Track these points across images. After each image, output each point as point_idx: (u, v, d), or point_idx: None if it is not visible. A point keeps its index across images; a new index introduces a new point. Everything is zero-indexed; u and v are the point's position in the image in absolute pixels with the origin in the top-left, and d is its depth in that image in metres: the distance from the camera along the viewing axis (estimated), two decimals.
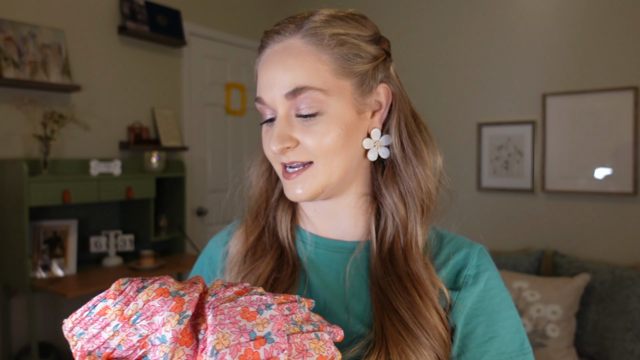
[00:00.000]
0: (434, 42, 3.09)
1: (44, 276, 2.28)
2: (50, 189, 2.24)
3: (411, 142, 0.64)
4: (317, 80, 0.59)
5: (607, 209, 2.54)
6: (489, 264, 0.63)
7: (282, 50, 0.61)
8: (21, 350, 2.38)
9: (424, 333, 0.57)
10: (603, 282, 2.32)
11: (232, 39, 3.48)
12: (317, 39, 0.60)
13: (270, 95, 0.60)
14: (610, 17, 2.52)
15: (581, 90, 2.59)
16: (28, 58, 2.36)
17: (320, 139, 0.59)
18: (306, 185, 0.61)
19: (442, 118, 3.03)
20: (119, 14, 2.80)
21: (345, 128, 0.60)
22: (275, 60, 0.61)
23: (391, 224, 0.64)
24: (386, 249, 0.64)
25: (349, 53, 0.61)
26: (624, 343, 2.20)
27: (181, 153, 3.14)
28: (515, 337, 0.60)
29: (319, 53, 0.59)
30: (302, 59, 0.59)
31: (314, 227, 0.69)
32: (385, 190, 0.65)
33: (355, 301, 0.63)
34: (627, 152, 2.47)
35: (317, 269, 0.67)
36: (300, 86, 0.58)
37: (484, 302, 0.60)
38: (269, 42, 0.63)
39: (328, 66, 0.59)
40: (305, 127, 0.60)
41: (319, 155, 0.60)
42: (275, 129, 0.60)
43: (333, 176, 0.61)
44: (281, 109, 0.60)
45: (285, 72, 0.59)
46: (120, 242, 2.65)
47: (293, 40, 0.61)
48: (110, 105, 2.77)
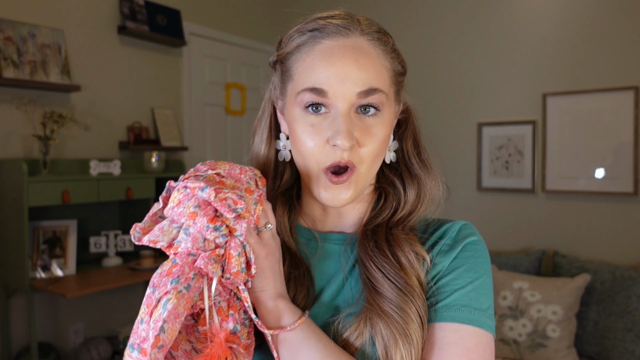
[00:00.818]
0: (434, 42, 3.09)
1: (43, 276, 2.27)
2: (49, 189, 2.24)
3: (425, 150, 0.71)
4: (383, 84, 0.62)
5: (607, 209, 2.54)
6: (471, 233, 0.65)
7: (352, 47, 0.61)
8: (21, 350, 2.37)
9: (405, 292, 0.59)
10: (603, 283, 2.32)
11: (232, 39, 3.47)
12: (383, 45, 0.63)
13: (341, 89, 0.59)
14: (610, 17, 2.51)
15: (582, 90, 2.59)
16: (27, 58, 2.35)
17: (377, 141, 0.62)
18: (351, 191, 0.62)
19: (442, 118, 3.03)
20: (119, 14, 2.79)
21: (389, 135, 0.65)
22: (347, 55, 0.60)
23: (388, 206, 0.68)
24: (372, 225, 0.67)
25: (399, 63, 0.66)
26: (624, 343, 2.19)
27: (181, 153, 3.14)
28: (481, 296, 0.60)
29: (384, 58, 0.63)
30: (373, 61, 0.61)
31: (315, 224, 0.71)
32: (399, 181, 0.69)
33: (354, 283, 0.65)
34: (627, 152, 2.47)
35: (320, 263, 0.68)
36: (374, 87, 0.60)
37: (457, 260, 0.62)
38: (330, 34, 0.62)
39: (388, 72, 0.63)
40: (365, 127, 0.61)
41: (369, 159, 0.62)
42: (341, 124, 0.59)
43: (369, 181, 0.64)
44: (346, 105, 0.60)
45: (360, 70, 0.60)
46: (120, 242, 2.65)
47: (361, 40, 0.62)
48: (110, 105, 2.76)
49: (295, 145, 0.64)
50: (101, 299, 2.73)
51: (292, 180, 0.73)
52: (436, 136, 3.04)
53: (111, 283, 2.30)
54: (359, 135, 0.60)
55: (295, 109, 0.63)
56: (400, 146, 0.71)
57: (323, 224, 0.71)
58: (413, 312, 0.58)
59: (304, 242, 0.70)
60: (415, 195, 0.68)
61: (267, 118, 0.72)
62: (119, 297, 2.83)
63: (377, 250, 0.63)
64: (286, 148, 0.69)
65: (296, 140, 0.63)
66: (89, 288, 2.21)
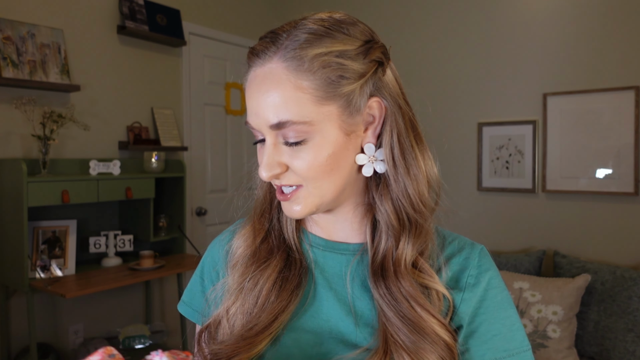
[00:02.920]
0: (434, 42, 3.08)
1: (43, 276, 2.27)
2: (49, 189, 2.23)
3: (403, 159, 0.61)
4: (298, 112, 0.56)
5: (608, 209, 2.54)
6: (490, 264, 0.65)
7: (263, 76, 0.58)
8: (20, 351, 2.37)
9: (425, 339, 0.58)
10: (604, 283, 2.32)
11: (232, 39, 3.47)
12: (297, 63, 0.56)
13: (257, 123, 0.60)
14: (610, 17, 2.51)
15: (582, 90, 2.58)
16: (27, 58, 2.35)
17: (308, 164, 0.59)
18: (300, 206, 0.62)
19: (442, 118, 3.03)
20: (118, 14, 2.79)
21: (333, 152, 0.59)
22: (258, 87, 0.59)
23: (385, 237, 0.64)
24: (379, 260, 0.63)
25: (332, 75, 0.57)
26: (625, 344, 2.19)
27: (181, 153, 3.13)
28: (516, 334, 0.62)
29: (299, 80, 0.56)
30: (282, 89, 0.57)
31: (320, 229, 0.70)
32: (380, 203, 0.64)
33: (358, 302, 0.64)
34: (628, 152, 2.46)
35: (323, 270, 0.68)
36: (283, 120, 0.57)
37: (486, 302, 0.62)
38: (251, 64, 0.61)
39: (310, 94, 0.57)
40: (293, 153, 0.59)
41: (308, 179, 0.60)
42: (264, 157, 0.60)
43: (325, 196, 0.62)
44: (268, 137, 0.60)
45: (267, 105, 0.58)
46: (120, 243, 2.64)
47: (273, 65, 0.58)
48: (110, 105, 2.76)
49: None
50: (101, 299, 2.73)
51: None
52: (436, 136, 3.02)
53: (111, 283, 2.30)
54: (288, 160, 0.59)
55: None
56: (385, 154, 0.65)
57: (323, 229, 0.70)
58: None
59: (307, 247, 0.70)
60: (397, 223, 0.63)
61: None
62: (119, 297, 2.83)
63: (393, 301, 0.61)
64: None
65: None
66: (89, 288, 2.21)
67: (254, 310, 0.64)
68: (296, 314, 0.65)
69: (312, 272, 0.68)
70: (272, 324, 0.62)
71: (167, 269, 2.59)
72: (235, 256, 0.70)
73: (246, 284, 0.66)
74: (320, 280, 0.67)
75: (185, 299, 0.77)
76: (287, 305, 0.64)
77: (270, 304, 0.64)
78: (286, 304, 0.64)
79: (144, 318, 2.95)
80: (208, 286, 0.74)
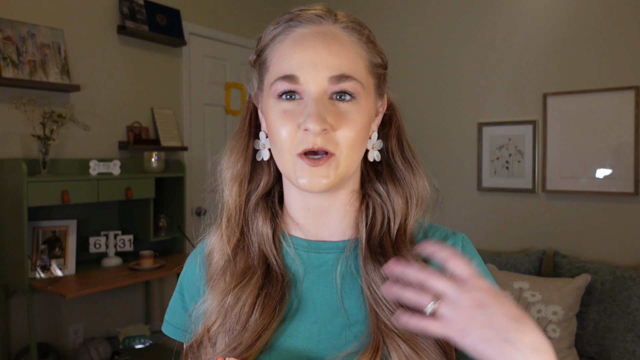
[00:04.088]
0: (434, 42, 3.08)
1: (43, 276, 2.27)
2: (49, 189, 2.23)
3: (409, 148, 0.69)
4: (358, 72, 0.60)
5: (608, 209, 2.54)
6: (473, 252, 0.67)
7: (323, 33, 0.60)
8: (20, 351, 2.37)
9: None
10: (604, 283, 2.32)
11: (232, 39, 3.47)
12: (357, 34, 0.61)
13: (312, 74, 0.58)
14: (610, 17, 2.51)
15: (582, 90, 2.58)
16: (27, 58, 2.35)
17: (353, 126, 0.59)
18: (330, 176, 0.59)
19: (442, 118, 3.03)
20: (118, 14, 2.79)
21: (369, 123, 0.62)
22: (317, 40, 0.59)
23: (380, 218, 0.65)
24: (376, 242, 0.64)
25: (375, 54, 0.64)
26: (625, 344, 2.19)
27: (181, 153, 3.13)
28: None
29: (359, 47, 0.61)
30: (346, 48, 0.60)
31: (302, 231, 0.67)
32: (382, 186, 0.67)
33: (348, 300, 0.63)
34: (628, 152, 2.46)
35: (309, 273, 0.65)
36: (347, 74, 0.58)
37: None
38: (301, 23, 0.61)
39: (363, 61, 0.61)
40: (340, 113, 0.58)
41: (346, 145, 0.59)
42: (312, 108, 0.57)
43: (350, 169, 0.61)
44: (318, 90, 0.58)
45: (331, 56, 0.58)
46: (120, 243, 2.64)
47: (334, 28, 0.61)
48: (110, 105, 2.76)
49: (270, 136, 0.62)
50: (101, 299, 2.72)
51: (272, 183, 0.70)
52: (436, 136, 3.03)
53: (111, 283, 2.30)
54: (333, 120, 0.57)
55: (270, 100, 0.61)
56: (385, 145, 0.69)
57: (306, 230, 0.67)
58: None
59: (289, 250, 0.67)
60: (403, 201, 0.66)
61: (247, 117, 0.70)
62: (119, 297, 2.83)
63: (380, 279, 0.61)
64: (265, 147, 0.66)
65: (271, 130, 0.61)
66: (89, 288, 2.20)
67: (236, 328, 0.61)
68: (278, 332, 0.62)
69: (298, 279, 0.65)
70: (256, 342, 0.59)
71: (167, 269, 2.58)
72: (212, 269, 0.67)
73: (227, 300, 0.63)
74: (306, 285, 0.65)
75: (168, 318, 0.73)
76: (270, 322, 0.61)
77: (254, 322, 0.61)
78: (269, 321, 0.61)
79: (144, 318, 2.95)
80: (189, 303, 0.70)
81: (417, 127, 2.82)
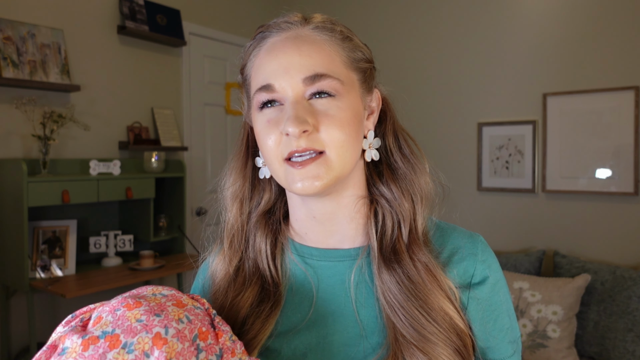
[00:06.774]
0: (434, 42, 3.09)
1: (43, 276, 2.27)
2: (49, 189, 2.23)
3: (407, 144, 0.67)
4: (333, 69, 0.59)
5: (608, 209, 2.54)
6: (492, 257, 0.66)
7: (293, 37, 0.60)
8: (20, 350, 2.37)
9: (438, 328, 0.57)
10: (604, 283, 2.32)
11: (232, 39, 3.47)
12: (329, 31, 0.61)
13: (285, 80, 0.57)
14: (610, 17, 2.51)
15: (582, 90, 2.58)
16: (27, 58, 2.35)
17: (337, 123, 0.57)
18: (322, 176, 0.57)
19: (442, 118, 3.03)
20: (119, 14, 2.79)
21: (356, 120, 0.60)
22: (287, 45, 0.59)
23: (390, 223, 0.63)
24: (389, 249, 0.62)
25: (354, 49, 0.62)
26: (624, 344, 2.19)
27: (181, 153, 3.13)
28: (514, 324, 0.65)
29: (333, 44, 0.60)
30: (319, 48, 0.59)
31: (311, 240, 0.67)
32: (386, 188, 0.65)
33: (363, 310, 0.62)
34: (628, 152, 2.47)
35: (322, 283, 0.64)
36: (320, 73, 0.57)
37: (494, 296, 0.63)
38: (272, 33, 0.61)
39: (340, 57, 0.60)
40: (320, 112, 0.57)
41: (334, 144, 0.57)
42: (289, 111, 0.56)
43: (345, 169, 0.59)
44: (295, 93, 0.57)
45: (302, 57, 0.58)
46: (120, 243, 2.64)
47: (303, 31, 0.60)
48: (110, 105, 2.76)
49: (260, 148, 0.62)
50: (101, 299, 2.71)
51: (274, 200, 0.70)
52: (436, 136, 3.04)
53: (111, 283, 2.30)
54: (314, 120, 0.56)
55: (255, 113, 0.61)
56: (384, 144, 0.67)
57: (314, 239, 0.66)
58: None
59: (298, 260, 0.66)
60: (409, 202, 0.64)
61: (244, 138, 0.70)
62: None
63: (411, 286, 0.59)
64: (265, 165, 0.66)
65: (259, 142, 0.61)
66: (89, 288, 2.21)
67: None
68: (295, 343, 0.61)
69: (310, 295, 0.64)
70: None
71: (167, 269, 2.59)
72: (214, 288, 0.68)
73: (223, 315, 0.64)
74: (321, 294, 0.64)
75: None
76: (257, 335, 0.61)
77: (245, 334, 0.61)
78: (255, 334, 0.61)
79: None
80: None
81: (417, 127, 2.81)
